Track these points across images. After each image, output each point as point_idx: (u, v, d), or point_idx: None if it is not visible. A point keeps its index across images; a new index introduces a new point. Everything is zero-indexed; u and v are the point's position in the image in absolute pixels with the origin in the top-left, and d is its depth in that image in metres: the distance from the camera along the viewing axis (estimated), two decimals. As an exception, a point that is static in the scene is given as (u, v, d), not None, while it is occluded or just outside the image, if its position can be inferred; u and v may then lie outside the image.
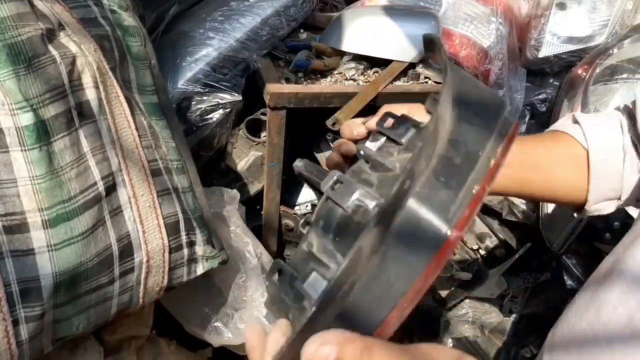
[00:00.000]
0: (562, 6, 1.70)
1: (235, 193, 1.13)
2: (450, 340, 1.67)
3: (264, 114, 1.30)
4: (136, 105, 0.83)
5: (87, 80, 0.73)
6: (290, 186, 1.39)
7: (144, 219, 0.79)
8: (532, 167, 0.69)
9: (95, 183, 0.73)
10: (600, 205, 0.70)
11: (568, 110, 1.51)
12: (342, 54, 1.38)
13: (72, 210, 0.69)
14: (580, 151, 0.69)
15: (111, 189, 0.75)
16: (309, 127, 1.33)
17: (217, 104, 1.24)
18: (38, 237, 0.67)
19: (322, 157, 1.38)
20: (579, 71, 1.59)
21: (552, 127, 0.78)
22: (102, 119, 0.75)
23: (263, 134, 1.33)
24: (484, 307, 1.70)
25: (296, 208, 1.41)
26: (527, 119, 1.72)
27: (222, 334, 1.06)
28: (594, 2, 1.68)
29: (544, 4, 1.68)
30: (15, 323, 0.67)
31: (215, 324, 1.06)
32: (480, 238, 1.60)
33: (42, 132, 0.67)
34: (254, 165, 1.36)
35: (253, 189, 1.38)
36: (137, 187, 0.78)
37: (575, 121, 0.73)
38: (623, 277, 0.54)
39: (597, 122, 0.71)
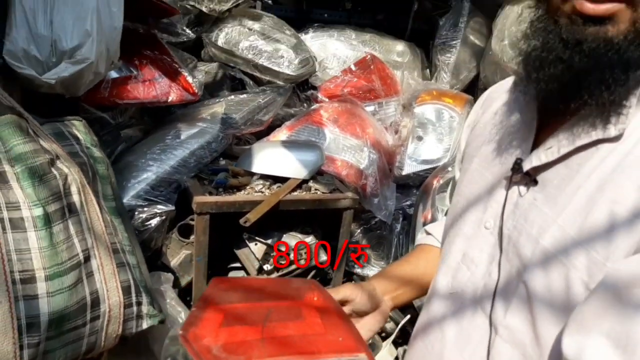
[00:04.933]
0: (419, 138, 2.29)
1: (170, 276, 1.50)
2: None
3: (192, 219, 1.71)
4: (102, 207, 1.24)
5: (73, 190, 1.14)
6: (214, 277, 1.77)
7: (107, 281, 1.16)
8: (410, 281, 0.99)
9: (78, 254, 1.11)
10: None
11: (423, 210, 2.02)
12: (252, 174, 1.85)
13: (63, 270, 1.07)
14: (437, 252, 0.97)
15: (87, 259, 1.13)
16: (229, 230, 1.75)
17: (154, 214, 1.65)
18: (41, 287, 1.03)
19: (240, 253, 1.78)
20: (433, 182, 2.11)
21: (416, 243, 1.12)
22: (82, 214, 1.15)
23: (192, 236, 1.73)
24: None
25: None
26: (401, 219, 2.22)
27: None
28: (441, 134, 2.28)
29: (404, 137, 2.27)
30: (21, 348, 1.01)
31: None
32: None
33: (47, 220, 1.06)
34: (185, 261, 1.74)
35: (184, 281, 1.75)
36: (103, 259, 1.17)
37: (428, 233, 1.08)
38: None
39: (441, 229, 0.98)
